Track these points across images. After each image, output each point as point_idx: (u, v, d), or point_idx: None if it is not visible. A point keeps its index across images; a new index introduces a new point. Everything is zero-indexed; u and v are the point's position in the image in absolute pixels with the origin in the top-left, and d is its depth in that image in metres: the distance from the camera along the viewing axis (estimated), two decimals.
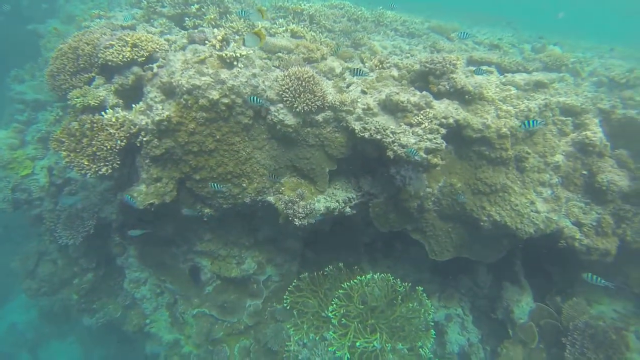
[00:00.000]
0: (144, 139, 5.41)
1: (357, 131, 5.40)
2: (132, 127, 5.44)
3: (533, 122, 5.21)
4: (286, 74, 5.67)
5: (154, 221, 6.93)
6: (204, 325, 7.97)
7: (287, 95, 5.58)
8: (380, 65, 6.53)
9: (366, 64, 6.66)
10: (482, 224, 5.72)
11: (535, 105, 5.82)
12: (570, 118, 6.10)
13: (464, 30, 9.73)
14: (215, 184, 5.64)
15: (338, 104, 5.54)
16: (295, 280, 7.55)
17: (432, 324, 7.30)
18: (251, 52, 5.80)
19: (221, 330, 7.96)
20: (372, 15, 11.90)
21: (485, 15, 19.33)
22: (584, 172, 5.78)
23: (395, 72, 6.26)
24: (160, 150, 5.47)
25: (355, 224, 7.60)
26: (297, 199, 5.84)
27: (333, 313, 6.74)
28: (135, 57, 5.69)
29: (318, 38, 7.92)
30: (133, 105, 5.66)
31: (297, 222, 5.75)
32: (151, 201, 5.61)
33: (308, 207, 5.76)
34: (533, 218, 5.56)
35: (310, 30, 8.29)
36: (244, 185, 5.89)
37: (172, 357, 8.25)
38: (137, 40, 5.75)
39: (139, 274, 8.12)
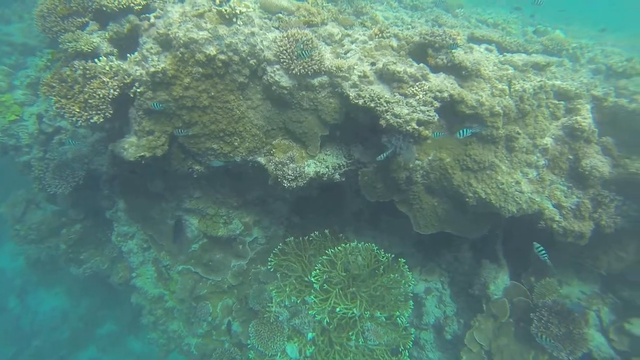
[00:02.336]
0: (138, 90, 5.42)
1: (351, 98, 5.45)
2: (126, 77, 5.43)
3: (466, 130, 5.28)
4: (284, 35, 5.65)
5: (144, 174, 7.00)
6: (189, 282, 8.18)
7: (284, 57, 5.58)
8: (380, 35, 6.50)
9: (366, 33, 6.62)
10: (467, 200, 5.87)
11: (530, 86, 5.89)
12: (563, 102, 6.19)
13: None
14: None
15: (335, 69, 5.56)
16: (280, 244, 7.76)
17: (412, 295, 7.61)
18: (251, 10, 5.74)
19: (205, 287, 8.19)
20: None
21: None
22: (570, 156, 5.93)
23: (394, 43, 6.25)
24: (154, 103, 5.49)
25: (344, 192, 7.75)
26: (287, 161, 5.94)
27: (316, 278, 6.97)
28: (132, 4, 5.60)
29: (320, 2, 7.83)
30: (128, 55, 5.62)
31: (286, 184, 5.87)
32: (142, 154, 5.67)
33: (298, 170, 5.87)
34: (517, 198, 5.72)
35: None
36: (236, 144, 5.95)
37: (156, 311, 8.50)
38: None
39: (127, 228, 8.25)
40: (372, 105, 5.36)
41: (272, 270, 7.60)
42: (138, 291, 8.44)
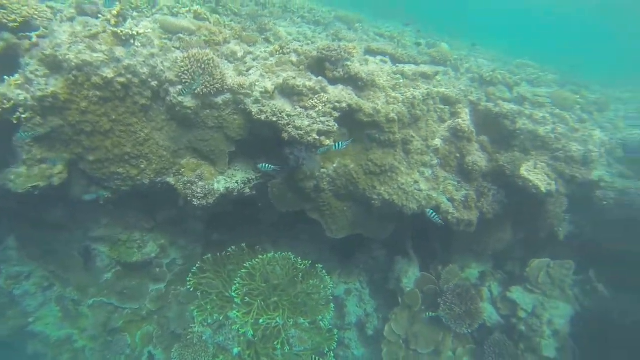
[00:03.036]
0: (24, 115, 5.10)
1: (254, 113, 5.67)
2: (4, 101, 5.07)
3: (340, 143, 5.70)
4: (186, 56, 5.71)
5: (39, 205, 6.53)
6: (102, 315, 7.70)
7: (186, 77, 5.64)
8: (281, 51, 6.83)
9: (267, 50, 6.91)
10: (373, 202, 6.36)
11: (419, 94, 6.58)
12: (447, 107, 7.00)
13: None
14: None
15: (237, 87, 5.74)
16: (198, 262, 7.67)
17: (332, 298, 7.93)
18: (150, 31, 5.73)
19: (121, 318, 7.78)
20: (280, 1, 12.14)
21: (393, 10, 20.64)
22: (457, 154, 6.72)
23: (294, 58, 6.61)
24: (44, 129, 5.21)
25: (258, 205, 7.91)
26: (196, 180, 5.97)
27: (236, 292, 7.00)
28: (5, 20, 5.27)
29: (222, 21, 7.97)
30: (5, 78, 5.26)
31: (196, 202, 5.89)
32: (35, 184, 5.33)
33: (207, 187, 5.93)
34: (417, 196, 6.33)
35: (214, 13, 8.30)
36: (143, 166, 5.85)
37: (62, 356, 7.77)
38: (5, 1, 5.30)
39: (20, 268, 7.47)
40: (275, 119, 5.63)
41: (192, 289, 7.46)
42: (37, 338, 7.56)
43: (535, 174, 6.32)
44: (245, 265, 7.25)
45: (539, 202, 6.94)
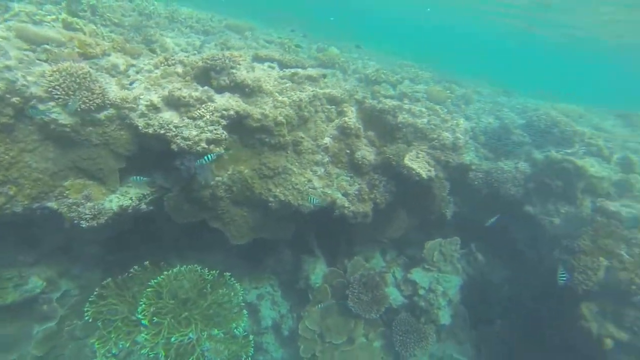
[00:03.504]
0: None
1: (140, 127, 5.54)
2: None
3: (210, 155, 5.59)
4: (55, 69, 5.38)
5: None
6: None
7: (59, 93, 5.32)
8: (166, 62, 6.74)
9: (151, 62, 6.76)
10: (270, 204, 6.55)
11: (306, 96, 6.93)
12: (334, 107, 7.46)
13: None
14: None
15: (120, 101, 5.56)
16: (97, 289, 7.19)
17: (244, 304, 7.96)
18: (3, 40, 5.28)
19: None
20: (166, 11, 11.85)
21: (287, 18, 21.18)
22: (347, 151, 7.19)
23: (180, 69, 6.56)
24: None
25: (158, 220, 7.66)
26: (83, 201, 5.64)
27: (143, 314, 6.71)
28: None
29: (100, 32, 7.59)
30: None
31: (84, 224, 5.57)
32: None
33: (96, 207, 5.63)
34: (311, 194, 6.65)
35: (90, 23, 7.87)
36: (12, 193, 5.35)
37: None
38: None
39: None
40: (162, 131, 5.56)
41: (91, 320, 6.98)
42: None
43: (417, 162, 7.04)
44: (150, 283, 6.98)
45: (425, 187, 7.71)
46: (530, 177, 8.60)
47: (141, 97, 5.82)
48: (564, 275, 6.07)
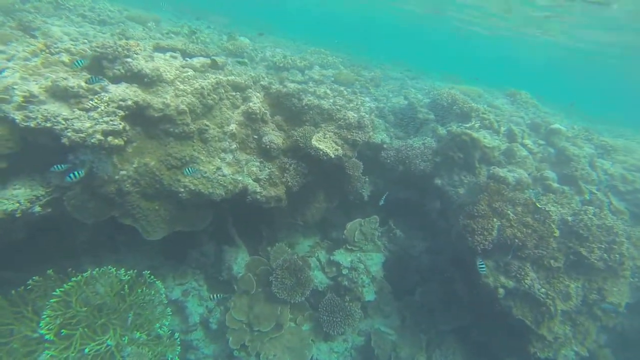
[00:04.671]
0: None
1: (18, 121, 5.16)
2: None
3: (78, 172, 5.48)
4: None
5: None
6: None
7: None
8: (47, 50, 6.31)
9: (27, 49, 6.28)
10: (180, 195, 6.43)
11: (208, 84, 6.86)
12: (239, 93, 7.47)
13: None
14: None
15: None
16: None
17: (167, 302, 7.75)
18: None
19: None
20: None
21: (195, 7, 20.59)
22: (255, 136, 7.26)
23: (66, 58, 6.18)
24: None
25: (62, 223, 7.20)
26: None
27: (47, 327, 6.26)
28: None
29: None
30: None
31: None
32: None
33: None
34: (222, 181, 6.63)
35: None
36: None
37: None
38: None
39: None
40: (49, 125, 5.22)
41: None
42: None
43: (324, 142, 7.28)
44: (54, 293, 6.52)
45: (337, 167, 8.00)
46: (437, 152, 9.26)
47: (15, 87, 5.39)
48: (482, 265, 6.79)
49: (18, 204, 5.63)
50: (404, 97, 11.05)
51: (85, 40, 7.47)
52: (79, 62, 5.92)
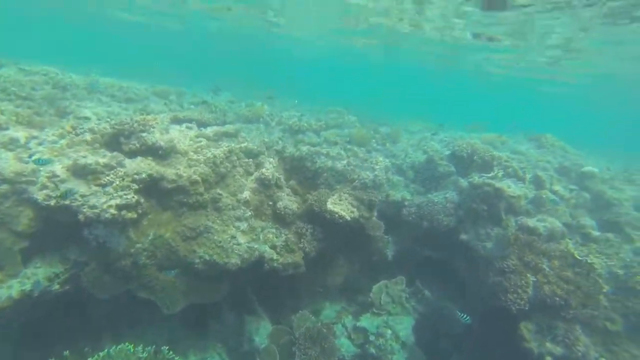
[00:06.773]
0: None
1: (40, 200, 5.45)
2: None
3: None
4: None
5: None
6: None
7: None
8: (73, 132, 6.78)
9: (55, 132, 6.78)
10: (197, 266, 6.48)
11: (221, 152, 7.11)
12: (251, 160, 7.69)
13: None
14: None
15: (13, 175, 5.49)
16: None
17: None
18: None
19: None
20: (84, 82, 12.00)
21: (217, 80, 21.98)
22: (270, 202, 7.34)
23: (88, 137, 6.61)
24: None
25: (80, 300, 7.30)
26: None
27: None
28: None
29: None
30: None
31: None
32: None
33: None
34: (237, 250, 6.65)
35: None
36: None
37: None
38: None
39: None
40: (67, 202, 5.49)
41: None
42: None
43: (339, 205, 7.28)
44: None
45: (356, 229, 7.92)
46: (459, 205, 9.08)
47: (41, 169, 5.76)
48: (465, 317, 6.83)
49: (37, 284, 5.78)
50: (423, 151, 11.10)
51: (108, 119, 8.00)
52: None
